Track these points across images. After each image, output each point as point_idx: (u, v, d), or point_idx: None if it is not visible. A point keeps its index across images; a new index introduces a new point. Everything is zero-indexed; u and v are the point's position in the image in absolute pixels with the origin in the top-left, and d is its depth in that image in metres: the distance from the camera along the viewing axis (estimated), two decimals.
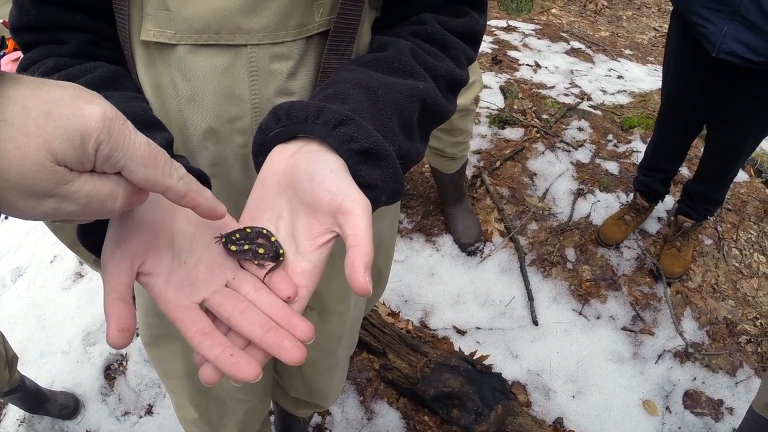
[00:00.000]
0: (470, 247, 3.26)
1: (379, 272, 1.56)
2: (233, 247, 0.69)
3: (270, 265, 0.70)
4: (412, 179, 3.67)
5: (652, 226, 3.39)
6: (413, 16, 0.97)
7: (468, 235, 3.28)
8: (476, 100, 2.78)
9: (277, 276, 0.70)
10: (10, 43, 1.90)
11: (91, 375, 2.97)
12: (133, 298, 0.66)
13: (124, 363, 2.97)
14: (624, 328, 2.97)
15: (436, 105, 0.88)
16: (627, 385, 2.77)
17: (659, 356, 2.86)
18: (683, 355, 2.86)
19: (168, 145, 0.83)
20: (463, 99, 2.61)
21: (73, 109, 0.51)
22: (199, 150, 0.95)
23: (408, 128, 0.84)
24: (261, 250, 0.69)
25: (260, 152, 0.79)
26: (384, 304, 3.03)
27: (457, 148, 2.90)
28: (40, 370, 3.00)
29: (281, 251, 0.70)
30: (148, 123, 0.84)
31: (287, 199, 0.73)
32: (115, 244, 0.65)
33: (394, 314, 2.96)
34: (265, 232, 0.71)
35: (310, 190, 0.69)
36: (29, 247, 3.70)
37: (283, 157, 0.75)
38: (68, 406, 2.81)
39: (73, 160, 0.51)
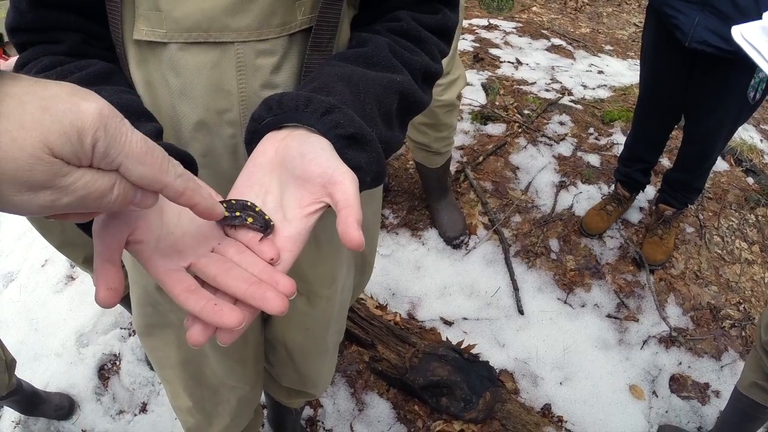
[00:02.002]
0: (455, 240, 3.30)
1: (365, 260, 1.59)
2: (227, 214, 0.72)
3: (260, 235, 0.73)
4: (397, 176, 3.71)
5: (634, 215, 3.44)
6: (389, 14, 1.02)
7: (453, 228, 3.32)
8: (460, 96, 2.82)
9: (261, 241, 0.73)
10: None
11: (85, 375, 2.99)
12: (123, 265, 0.69)
13: (118, 363, 3.00)
14: (609, 316, 3.02)
15: (413, 96, 0.93)
16: (613, 371, 2.81)
17: (644, 342, 2.91)
18: (668, 341, 2.91)
19: (158, 135, 0.86)
20: (449, 95, 2.65)
21: (69, 105, 0.51)
22: (190, 142, 1.00)
23: (387, 118, 0.89)
24: (250, 220, 0.72)
25: (252, 140, 0.84)
26: (372, 297, 3.07)
27: (442, 143, 2.94)
28: (34, 372, 3.01)
29: (271, 223, 0.73)
30: (138, 114, 0.88)
31: (277, 175, 0.77)
32: (107, 213, 0.67)
33: (381, 307, 3.00)
34: (249, 204, 0.74)
35: (302, 165, 0.74)
36: (20, 251, 3.72)
37: (275, 140, 0.80)
38: (63, 407, 2.83)
39: (70, 155, 0.51)
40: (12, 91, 0.50)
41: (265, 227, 0.72)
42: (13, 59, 1.95)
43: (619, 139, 3.94)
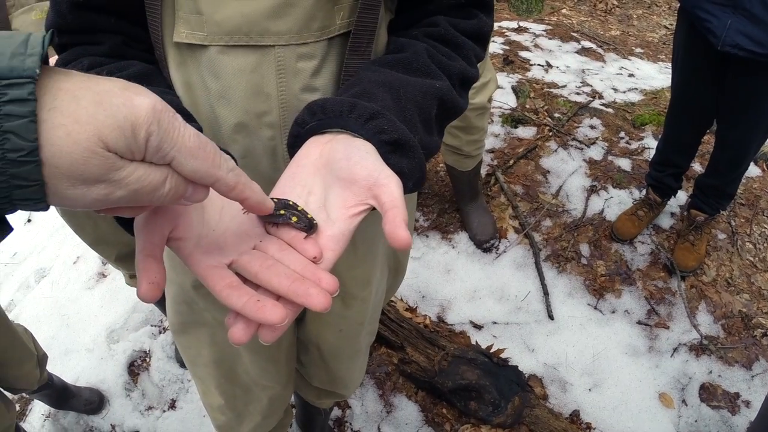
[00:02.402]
0: (485, 244, 3.29)
1: (398, 262, 1.60)
2: (274, 213, 0.73)
3: (302, 234, 0.73)
4: (428, 178, 3.71)
5: (665, 221, 3.42)
6: (426, 19, 1.03)
7: (483, 232, 3.32)
8: (491, 99, 2.81)
9: (304, 240, 0.74)
10: None
11: (115, 371, 3.03)
12: (162, 261, 0.68)
13: (148, 359, 3.02)
14: (639, 322, 3.00)
15: (451, 101, 0.94)
16: (643, 379, 2.79)
17: (674, 350, 2.88)
18: (699, 349, 2.89)
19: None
20: (480, 98, 2.65)
21: (123, 100, 0.52)
22: (229, 143, 1.01)
23: (427, 123, 0.90)
24: (294, 219, 0.73)
25: (295, 144, 0.85)
26: (402, 299, 3.07)
27: (474, 146, 2.94)
28: (65, 367, 3.05)
29: (315, 222, 0.74)
30: (181, 115, 0.88)
31: (321, 177, 0.78)
32: (149, 209, 0.68)
33: (411, 309, 3.00)
34: (291, 203, 0.75)
35: (348, 167, 0.75)
36: (53, 248, 3.76)
37: (318, 144, 0.81)
38: (93, 402, 2.86)
39: (124, 149, 0.52)
40: (65, 86, 0.51)
41: (309, 226, 0.73)
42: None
43: (651, 143, 3.92)
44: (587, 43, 5.55)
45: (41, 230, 3.98)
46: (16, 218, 4.35)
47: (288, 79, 0.96)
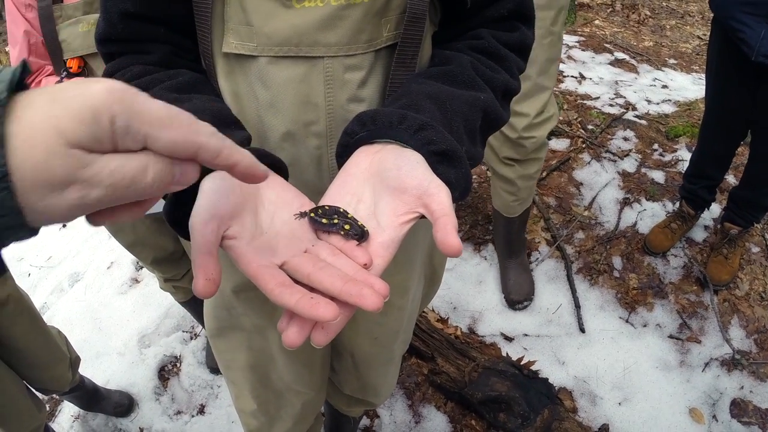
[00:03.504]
0: (518, 305, 3.16)
1: (434, 272, 1.61)
2: (324, 220, 0.76)
3: (354, 242, 0.75)
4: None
5: (698, 234, 3.39)
6: (470, 32, 1.05)
7: (518, 292, 3.18)
8: (549, 133, 2.78)
9: (354, 246, 0.75)
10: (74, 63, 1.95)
11: (146, 375, 3.06)
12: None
13: (178, 365, 3.05)
14: (671, 336, 2.98)
15: (495, 113, 0.96)
16: (674, 393, 2.77)
17: (706, 364, 2.86)
18: (730, 364, 2.86)
19: (247, 142, 0.89)
20: (541, 132, 2.60)
21: (78, 90, 0.48)
22: (277, 151, 1.02)
23: (472, 134, 0.92)
24: (347, 227, 0.75)
25: (344, 153, 0.87)
26: (433, 310, 3.08)
27: (526, 182, 2.83)
28: (96, 369, 3.10)
29: (366, 229, 0.76)
30: (228, 122, 0.91)
31: (371, 185, 0.80)
32: (205, 209, 0.70)
33: (443, 320, 3.01)
34: (341, 210, 0.77)
35: (398, 177, 0.77)
36: (87, 253, 3.81)
37: (368, 153, 0.84)
38: (123, 404, 2.90)
39: (89, 139, 0.48)
40: (23, 97, 0.47)
41: (361, 234, 0.75)
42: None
43: (684, 155, 3.89)
44: (620, 55, 5.53)
45: (76, 235, 4.03)
46: None
47: (335, 90, 0.98)
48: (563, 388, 2.78)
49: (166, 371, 3.06)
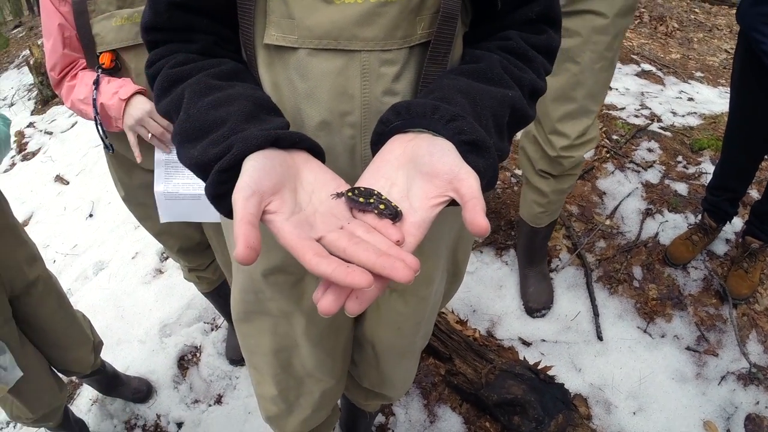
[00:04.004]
0: (536, 313, 3.18)
1: (457, 267, 1.63)
2: (361, 199, 0.81)
3: (388, 221, 0.80)
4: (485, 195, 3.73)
5: (720, 247, 3.39)
6: (499, 33, 1.10)
7: (537, 300, 3.21)
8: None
9: (388, 225, 0.80)
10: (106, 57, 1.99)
11: (165, 364, 3.11)
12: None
13: (198, 354, 3.10)
14: (688, 348, 2.98)
15: (522, 110, 1.00)
16: (689, 405, 2.77)
17: (722, 378, 2.86)
18: (747, 378, 2.86)
19: (286, 128, 0.93)
20: (580, 152, 2.60)
21: None
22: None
23: (500, 129, 0.96)
24: (382, 206, 0.79)
25: (379, 141, 0.92)
26: (453, 312, 3.10)
27: (558, 196, 2.84)
28: (117, 356, 3.16)
29: (399, 209, 0.80)
30: (269, 109, 0.96)
31: (404, 170, 0.85)
32: (248, 185, 0.76)
33: (462, 322, 3.02)
34: (376, 192, 0.82)
35: (431, 162, 0.82)
36: (112, 243, 3.87)
37: (402, 141, 0.88)
38: (141, 391, 2.96)
39: None
40: None
41: (395, 214, 0.79)
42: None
43: (708, 168, 3.89)
44: (647, 66, 5.53)
45: (102, 225, 4.09)
46: (77, 213, 4.47)
47: (371, 83, 1.02)
48: (578, 394, 2.80)
49: (186, 361, 3.10)
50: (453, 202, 0.81)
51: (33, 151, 5.94)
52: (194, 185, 2.14)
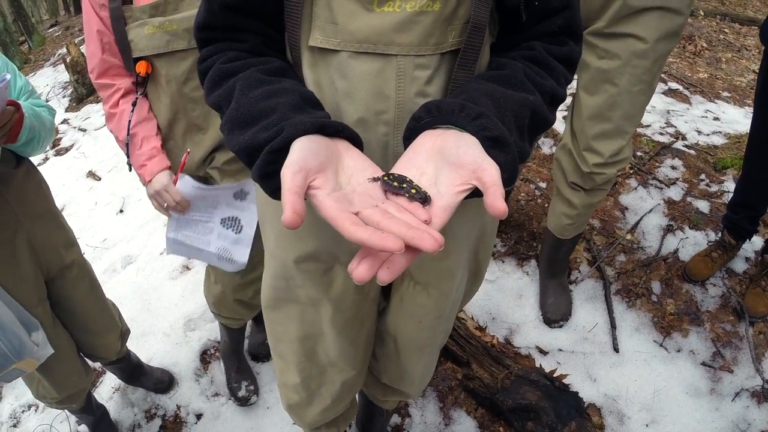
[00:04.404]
0: (555, 323, 3.23)
1: (478, 267, 1.69)
2: (395, 183, 0.90)
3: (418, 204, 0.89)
4: (509, 207, 3.76)
5: (739, 265, 3.41)
6: (524, 44, 1.18)
7: (555, 311, 3.25)
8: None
9: (418, 207, 0.89)
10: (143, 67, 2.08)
11: (188, 357, 3.19)
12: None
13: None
14: (703, 363, 3.00)
15: (542, 114, 1.09)
16: (702, 420, 2.79)
17: (737, 394, 2.87)
18: (761, 395, 2.87)
19: (329, 118, 1.02)
20: (612, 170, 2.65)
21: None
22: None
23: (521, 129, 1.05)
24: (413, 191, 0.88)
25: (410, 136, 1.02)
26: (472, 318, 3.15)
27: (587, 210, 2.88)
28: (141, 347, 3.24)
29: (428, 194, 0.90)
30: (313, 103, 1.06)
31: (433, 161, 0.94)
32: (296, 162, 0.86)
33: (481, 328, 3.07)
34: (408, 179, 0.91)
35: (457, 154, 0.92)
36: (141, 238, 3.95)
37: (432, 136, 0.98)
38: (163, 381, 3.03)
39: None
40: None
41: (425, 199, 0.88)
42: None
43: (731, 187, 3.90)
44: (674, 85, 5.55)
45: (132, 221, 4.18)
46: (108, 208, 4.56)
47: (405, 84, 1.11)
48: (592, 404, 2.83)
49: (208, 355, 3.17)
50: (475, 192, 0.90)
51: (66, 147, 6.06)
52: (198, 239, 2.37)
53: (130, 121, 2.14)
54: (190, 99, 2.11)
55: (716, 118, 5.01)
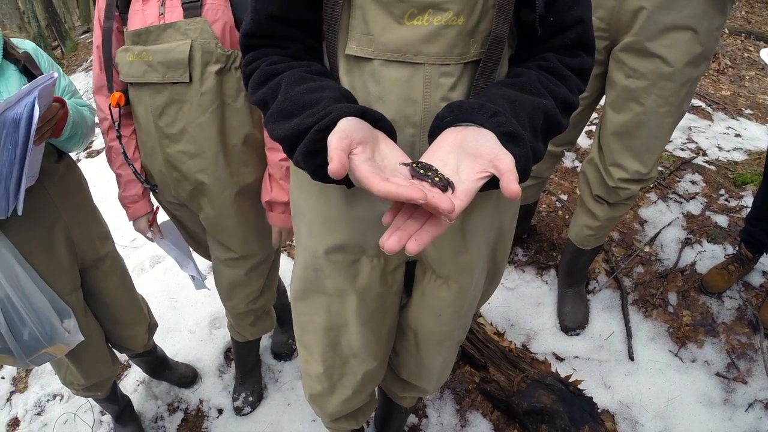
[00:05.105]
0: (571, 331, 3.29)
1: (496, 266, 1.76)
2: (422, 170, 0.98)
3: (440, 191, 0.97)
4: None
5: (756, 278, 3.44)
6: (539, 55, 1.30)
7: (573, 320, 3.31)
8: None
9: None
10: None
11: (212, 354, 3.27)
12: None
13: None
14: (718, 374, 3.03)
15: (554, 117, 1.21)
16: (714, 429, 2.82)
17: (750, 405, 2.91)
18: None
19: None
20: (636, 186, 2.67)
21: None
22: None
23: (534, 129, 1.16)
24: (437, 179, 0.97)
25: (434, 134, 1.12)
26: (491, 323, 3.21)
27: (610, 222, 2.93)
28: (166, 343, 3.33)
29: (451, 181, 0.98)
30: (351, 99, 1.18)
31: (455, 154, 1.04)
32: (341, 130, 0.97)
33: (499, 334, 3.12)
34: (433, 167, 1.01)
35: (476, 146, 1.02)
36: None
37: (454, 132, 1.08)
38: (187, 376, 3.12)
39: None
40: None
41: (446, 185, 0.97)
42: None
43: (750, 202, 3.90)
44: (696, 102, 5.58)
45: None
46: None
47: (431, 90, 1.22)
48: (606, 410, 2.87)
49: (232, 352, 3.24)
50: (494, 184, 0.98)
51: (98, 150, 6.16)
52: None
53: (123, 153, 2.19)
54: (165, 135, 2.09)
55: (737, 135, 5.03)
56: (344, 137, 0.95)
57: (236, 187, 2.20)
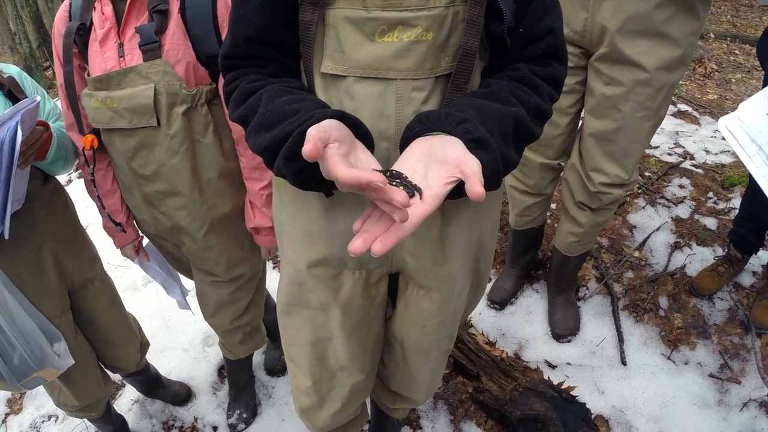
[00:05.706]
0: (563, 338, 3.30)
1: (480, 276, 1.77)
2: (390, 177, 1.01)
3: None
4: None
5: (746, 279, 3.46)
6: (511, 66, 1.33)
7: (564, 326, 3.32)
8: None
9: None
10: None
11: (206, 371, 3.28)
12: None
13: None
14: (711, 375, 3.04)
15: (525, 125, 1.23)
16: (709, 430, 2.83)
17: (744, 404, 2.91)
18: None
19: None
20: (619, 191, 2.71)
21: None
22: None
23: (505, 136, 1.18)
24: (403, 186, 1.00)
25: (405, 144, 1.15)
26: (482, 333, 3.22)
27: (595, 229, 2.95)
28: (160, 361, 3.33)
29: (419, 187, 1.01)
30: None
31: (423, 162, 1.06)
32: (321, 125, 0.99)
33: (491, 343, 3.13)
34: (403, 175, 1.04)
35: (443, 153, 1.05)
36: None
37: (422, 141, 1.11)
38: (181, 394, 3.13)
39: None
40: None
41: (413, 191, 1.00)
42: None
43: (738, 203, 3.91)
44: (683, 107, 5.62)
45: None
46: None
47: (404, 105, 1.25)
48: (600, 415, 2.88)
49: (225, 370, 3.24)
50: (459, 190, 1.01)
51: None
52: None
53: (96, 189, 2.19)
54: (140, 175, 2.07)
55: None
56: (323, 130, 0.98)
57: (215, 218, 2.21)
